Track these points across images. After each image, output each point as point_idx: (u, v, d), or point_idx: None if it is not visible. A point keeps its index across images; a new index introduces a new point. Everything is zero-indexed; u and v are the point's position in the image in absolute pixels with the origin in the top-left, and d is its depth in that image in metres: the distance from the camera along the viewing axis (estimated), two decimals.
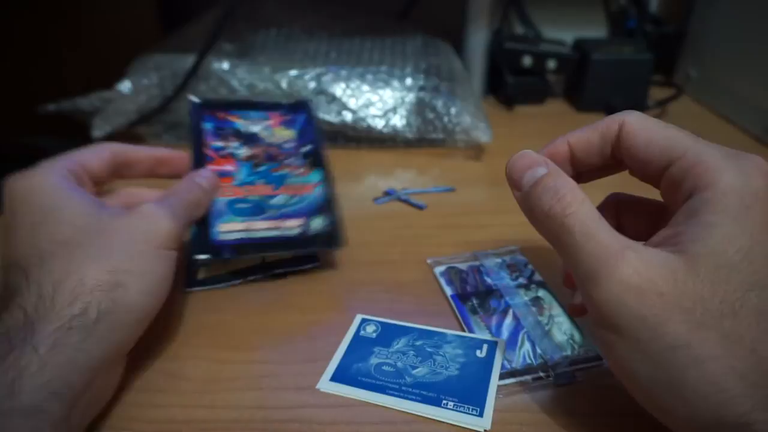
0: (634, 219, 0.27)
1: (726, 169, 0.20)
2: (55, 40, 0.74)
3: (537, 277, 0.34)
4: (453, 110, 0.51)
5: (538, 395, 0.26)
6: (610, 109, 0.60)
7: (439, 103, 0.51)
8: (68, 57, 0.74)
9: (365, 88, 0.51)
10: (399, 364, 0.28)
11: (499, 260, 0.36)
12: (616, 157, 0.25)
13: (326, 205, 0.35)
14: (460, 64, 0.59)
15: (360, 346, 0.29)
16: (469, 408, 0.25)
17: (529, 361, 0.28)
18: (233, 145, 0.37)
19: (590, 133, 0.25)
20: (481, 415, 0.25)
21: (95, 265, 0.24)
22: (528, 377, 0.27)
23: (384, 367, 0.28)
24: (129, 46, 0.54)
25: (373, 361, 0.28)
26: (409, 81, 0.52)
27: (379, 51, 0.57)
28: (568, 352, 0.28)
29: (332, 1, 0.64)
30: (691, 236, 0.20)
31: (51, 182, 0.27)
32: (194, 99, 0.38)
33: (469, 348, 0.29)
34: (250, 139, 0.37)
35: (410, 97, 0.52)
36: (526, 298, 0.32)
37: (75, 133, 0.52)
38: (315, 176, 0.36)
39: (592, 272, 0.20)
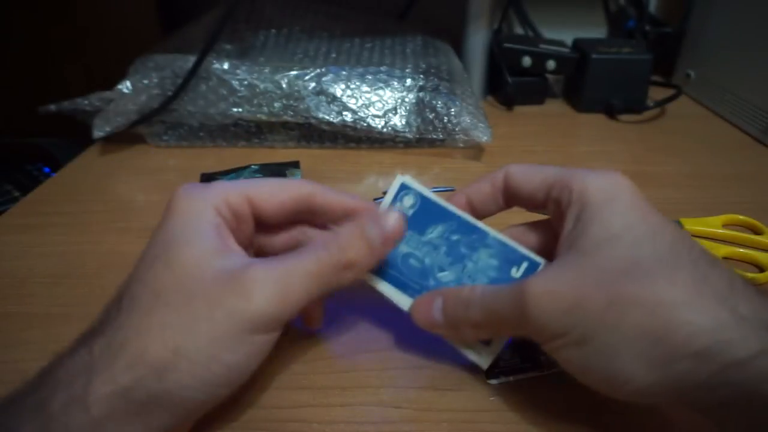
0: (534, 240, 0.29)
1: (589, 178, 0.24)
2: (55, 40, 0.74)
3: None
4: (453, 110, 0.51)
5: (534, 393, 0.26)
6: (609, 109, 0.61)
7: (439, 103, 0.51)
8: (68, 57, 0.75)
9: (365, 88, 0.52)
10: (427, 260, 0.26)
11: None
12: (508, 202, 0.29)
13: None
14: (460, 64, 0.59)
15: None
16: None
17: (524, 360, 0.28)
18: None
19: (482, 184, 0.28)
20: (487, 344, 0.25)
21: (162, 337, 0.21)
22: (523, 376, 0.27)
23: (411, 260, 0.26)
24: (129, 46, 0.54)
25: (402, 248, 0.26)
26: (409, 81, 0.53)
27: (379, 51, 0.57)
28: None
29: (332, 2, 0.64)
30: (576, 233, 0.23)
31: (201, 210, 0.24)
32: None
33: (506, 262, 0.26)
34: None
35: (410, 97, 0.52)
36: None
37: (75, 133, 0.52)
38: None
39: (516, 320, 0.23)
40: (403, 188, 0.27)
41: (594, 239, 0.22)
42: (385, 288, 0.26)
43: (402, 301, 0.26)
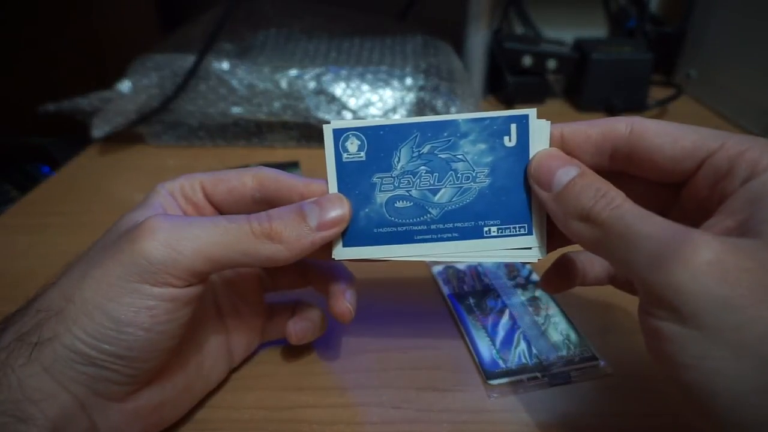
0: None
1: None
2: (55, 40, 0.74)
3: (534, 277, 0.34)
4: (453, 110, 0.51)
5: (533, 395, 0.26)
6: (610, 109, 0.60)
7: (439, 103, 0.51)
8: (68, 57, 0.74)
9: (365, 88, 0.51)
10: (414, 192, 0.23)
11: None
12: (616, 161, 0.23)
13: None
14: (460, 64, 0.59)
15: (352, 179, 0.23)
16: (516, 228, 0.22)
17: (524, 361, 0.28)
18: None
19: (589, 128, 0.23)
20: (530, 232, 0.22)
21: (62, 287, 0.21)
22: (523, 377, 0.27)
23: (397, 204, 0.23)
24: (129, 46, 0.54)
25: (379, 197, 0.23)
26: (409, 81, 0.52)
27: (379, 51, 0.57)
28: (564, 353, 0.28)
29: (332, 2, 0.64)
30: (762, 220, 0.18)
31: (155, 193, 0.25)
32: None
33: (494, 136, 0.22)
34: None
35: (410, 97, 0.52)
36: (523, 298, 0.32)
37: (74, 133, 0.52)
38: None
39: (656, 255, 0.18)
40: (338, 134, 0.23)
41: None
42: (394, 251, 0.23)
43: (415, 251, 0.22)
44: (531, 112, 0.22)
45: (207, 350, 0.25)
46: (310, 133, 0.52)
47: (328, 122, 0.23)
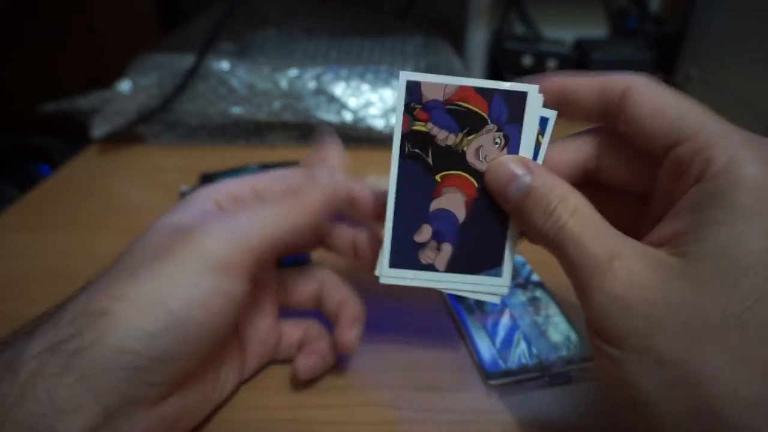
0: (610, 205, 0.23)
1: (743, 155, 0.18)
2: (55, 40, 0.74)
3: (534, 277, 0.34)
4: None
5: (534, 395, 0.26)
6: None
7: None
8: (68, 57, 0.74)
9: (365, 87, 0.51)
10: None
11: None
12: (609, 118, 0.22)
13: None
14: (460, 64, 0.59)
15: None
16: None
17: (524, 361, 0.28)
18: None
19: (590, 81, 0.22)
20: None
21: (106, 289, 0.20)
22: (523, 377, 0.27)
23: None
24: (129, 46, 0.54)
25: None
26: None
27: (379, 50, 0.57)
28: (564, 353, 0.28)
29: (332, 1, 0.64)
30: (695, 235, 0.18)
31: (196, 198, 0.25)
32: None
33: None
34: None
35: None
36: (523, 298, 0.32)
37: (74, 133, 0.52)
38: None
39: (581, 284, 0.20)
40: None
41: (719, 256, 0.17)
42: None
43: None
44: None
45: (224, 360, 0.25)
46: (310, 133, 0.52)
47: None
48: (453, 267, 0.24)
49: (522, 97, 0.22)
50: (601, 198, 0.22)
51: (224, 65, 0.51)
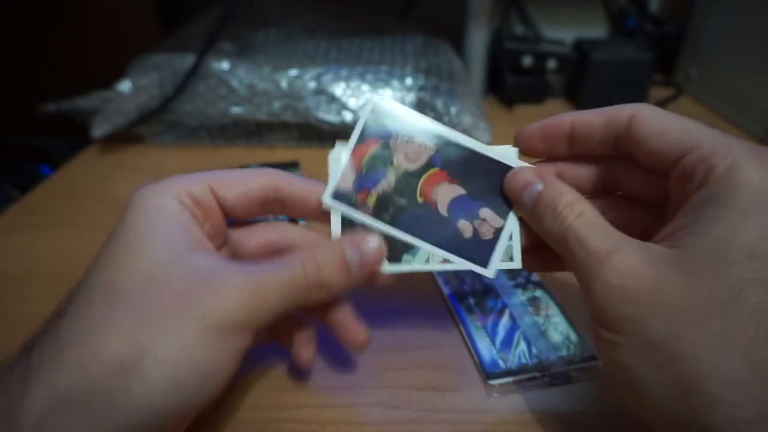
0: (629, 215, 0.26)
1: (743, 161, 0.19)
2: (55, 40, 0.74)
3: (534, 277, 0.34)
4: (453, 110, 0.51)
5: (534, 395, 0.26)
6: None
7: (439, 103, 0.51)
8: (68, 57, 0.75)
9: (365, 87, 0.51)
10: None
11: None
12: (620, 147, 0.24)
13: None
14: (460, 63, 0.59)
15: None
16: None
17: (524, 361, 0.28)
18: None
19: (595, 116, 0.24)
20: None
21: (123, 335, 0.19)
22: (523, 377, 0.27)
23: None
24: (129, 46, 0.54)
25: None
26: (409, 81, 0.52)
27: (379, 51, 0.57)
28: (564, 353, 0.28)
29: (332, 1, 0.64)
30: (692, 230, 0.19)
31: (164, 205, 0.23)
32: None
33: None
34: None
35: (410, 96, 0.52)
36: (523, 298, 0.32)
37: (74, 133, 0.52)
38: None
39: (583, 277, 0.21)
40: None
41: (711, 248, 0.19)
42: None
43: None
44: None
45: None
46: (310, 133, 0.52)
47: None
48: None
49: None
50: (621, 206, 0.25)
51: (224, 65, 0.51)
